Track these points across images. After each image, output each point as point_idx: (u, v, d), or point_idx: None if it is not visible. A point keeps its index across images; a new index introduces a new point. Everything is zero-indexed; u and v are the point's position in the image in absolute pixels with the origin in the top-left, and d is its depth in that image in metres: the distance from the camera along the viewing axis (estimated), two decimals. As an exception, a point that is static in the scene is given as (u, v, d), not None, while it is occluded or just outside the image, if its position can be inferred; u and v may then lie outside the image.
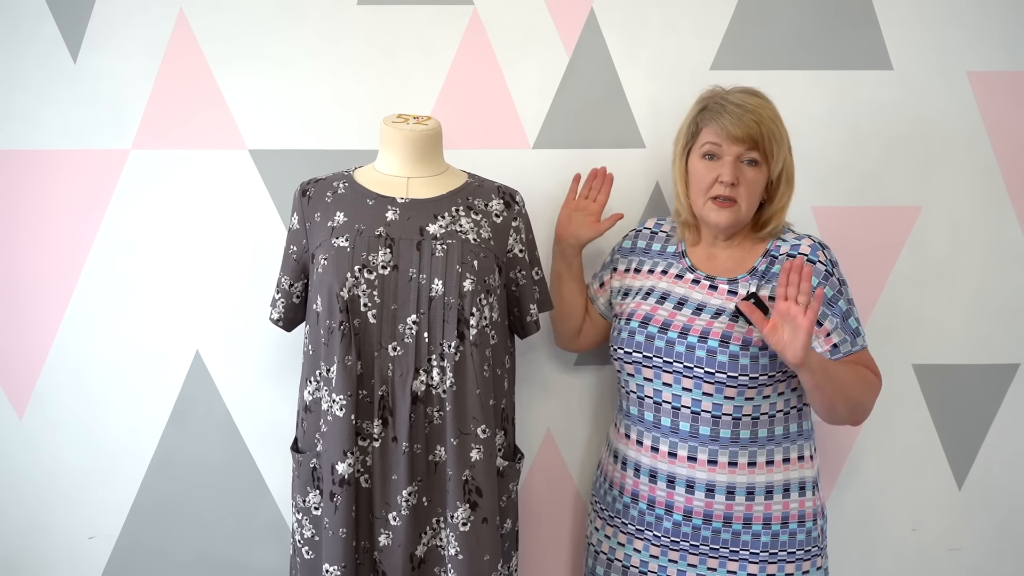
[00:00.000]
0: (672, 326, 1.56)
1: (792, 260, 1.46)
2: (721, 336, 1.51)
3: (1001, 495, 2.01)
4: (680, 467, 1.56)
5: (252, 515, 1.95)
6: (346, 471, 1.46)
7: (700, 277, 1.60)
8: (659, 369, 1.56)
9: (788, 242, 1.59)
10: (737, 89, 1.59)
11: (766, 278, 1.56)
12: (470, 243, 1.50)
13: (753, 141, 1.52)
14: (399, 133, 1.53)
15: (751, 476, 1.54)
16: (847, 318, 1.54)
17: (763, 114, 1.53)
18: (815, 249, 1.56)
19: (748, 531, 1.55)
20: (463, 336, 1.47)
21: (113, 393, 1.92)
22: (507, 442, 1.61)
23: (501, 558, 1.55)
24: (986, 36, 1.90)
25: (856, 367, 1.55)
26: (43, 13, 1.83)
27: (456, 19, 1.86)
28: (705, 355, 1.52)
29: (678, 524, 1.58)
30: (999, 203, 1.93)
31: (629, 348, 1.59)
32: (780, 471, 1.56)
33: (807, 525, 1.58)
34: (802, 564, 1.57)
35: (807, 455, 1.60)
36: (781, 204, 1.59)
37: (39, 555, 1.96)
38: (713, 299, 1.57)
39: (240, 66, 1.86)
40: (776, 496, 1.56)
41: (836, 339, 1.54)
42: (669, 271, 1.64)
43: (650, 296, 1.62)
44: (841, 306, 1.54)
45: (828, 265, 1.55)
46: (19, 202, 1.87)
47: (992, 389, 1.98)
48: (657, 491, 1.59)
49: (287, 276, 1.60)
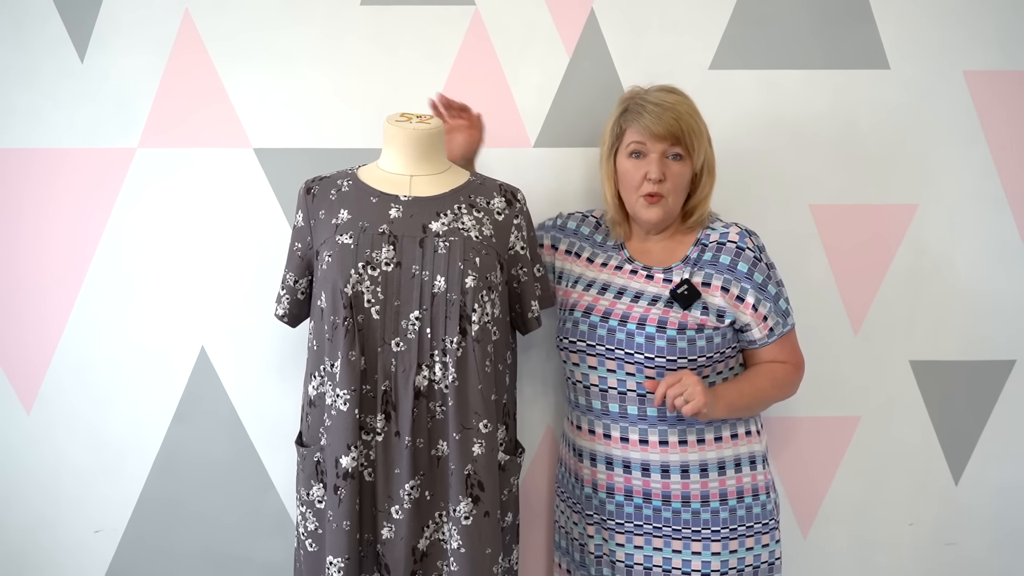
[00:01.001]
0: (612, 315, 1.61)
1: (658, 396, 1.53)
2: (658, 322, 1.57)
3: (997, 490, 2.03)
4: (634, 451, 1.61)
5: (256, 510, 1.97)
6: (350, 465, 1.48)
7: (638, 267, 1.66)
8: (602, 357, 1.61)
9: (717, 230, 1.65)
10: (655, 88, 1.64)
11: (698, 265, 1.62)
12: (472, 240, 1.52)
13: (675, 137, 1.58)
14: (402, 132, 1.56)
15: (702, 453, 1.60)
16: (778, 300, 1.62)
17: (681, 110, 1.58)
18: (743, 236, 1.63)
19: (707, 509, 1.60)
20: (465, 332, 1.49)
21: (119, 389, 1.94)
22: (508, 437, 1.64)
23: (502, 551, 1.57)
24: (982, 36, 1.92)
25: (769, 372, 1.64)
26: (50, 13, 1.85)
27: (458, 19, 1.88)
28: (644, 341, 1.57)
29: (639, 508, 1.62)
30: (995, 201, 1.95)
31: (573, 337, 1.65)
32: (729, 447, 1.62)
33: (761, 498, 1.64)
34: (761, 537, 1.63)
35: (754, 430, 1.66)
36: (704, 194, 1.65)
37: (45, 549, 1.98)
38: (650, 287, 1.63)
39: (245, 65, 1.88)
40: (728, 471, 1.62)
41: (772, 323, 1.62)
42: (609, 263, 1.69)
43: (592, 287, 1.67)
44: (771, 290, 1.61)
45: (756, 251, 1.62)
46: (26, 199, 1.89)
47: (988, 385, 2.00)
48: (615, 477, 1.64)
49: (292, 273, 1.62)
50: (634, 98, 1.63)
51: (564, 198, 1.87)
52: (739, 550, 1.61)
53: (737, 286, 1.60)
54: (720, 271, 1.60)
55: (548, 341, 1.95)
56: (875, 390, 1.99)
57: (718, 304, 1.59)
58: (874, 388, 1.99)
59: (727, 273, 1.60)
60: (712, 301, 1.59)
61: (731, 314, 1.60)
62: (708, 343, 1.58)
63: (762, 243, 1.65)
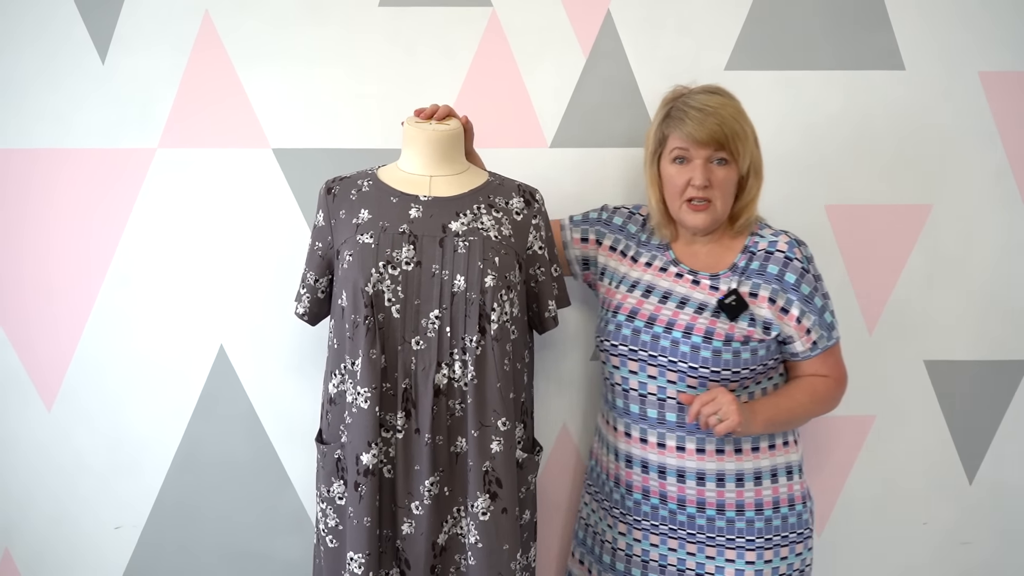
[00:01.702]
0: (658, 320, 1.60)
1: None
2: (705, 332, 1.55)
3: (1011, 490, 2.03)
4: (670, 457, 1.60)
5: (275, 507, 1.99)
6: (370, 462, 1.49)
7: (683, 271, 1.63)
8: (644, 363, 1.60)
9: (766, 238, 1.62)
10: (698, 89, 1.61)
11: (746, 274, 1.59)
12: (491, 240, 1.53)
13: (718, 143, 1.55)
14: (422, 133, 1.57)
15: (739, 463, 1.59)
16: (823, 313, 1.59)
17: (724, 114, 1.55)
18: (792, 246, 1.60)
19: (741, 518, 1.59)
20: (484, 331, 1.50)
21: (138, 387, 1.96)
22: (526, 435, 1.64)
23: (520, 548, 1.58)
24: (997, 37, 1.92)
25: (810, 386, 1.61)
26: (73, 16, 1.87)
27: (475, 20, 1.89)
28: (689, 350, 1.55)
29: (674, 513, 1.62)
30: (1010, 201, 1.96)
31: (615, 341, 1.63)
32: (767, 457, 1.60)
33: (796, 508, 1.62)
34: (795, 547, 1.62)
35: (791, 440, 1.65)
36: (751, 197, 1.62)
37: (67, 545, 1.99)
38: (696, 293, 1.60)
39: (264, 66, 1.89)
40: (765, 482, 1.60)
41: (815, 336, 1.59)
42: (654, 263, 1.67)
43: (635, 288, 1.65)
44: (817, 302, 1.58)
45: (804, 262, 1.59)
46: (48, 199, 1.91)
47: (1003, 385, 2.00)
48: (649, 481, 1.63)
49: (312, 271, 1.63)
50: (677, 101, 1.60)
51: (581, 198, 1.87)
52: (773, 559, 1.60)
53: (783, 297, 1.57)
54: (768, 281, 1.58)
55: (565, 340, 1.96)
56: (889, 390, 2.00)
57: (765, 316, 1.57)
58: (888, 388, 2.00)
59: (775, 283, 1.57)
60: (759, 313, 1.57)
61: (777, 326, 1.57)
62: (753, 355, 1.56)
63: (811, 253, 1.62)
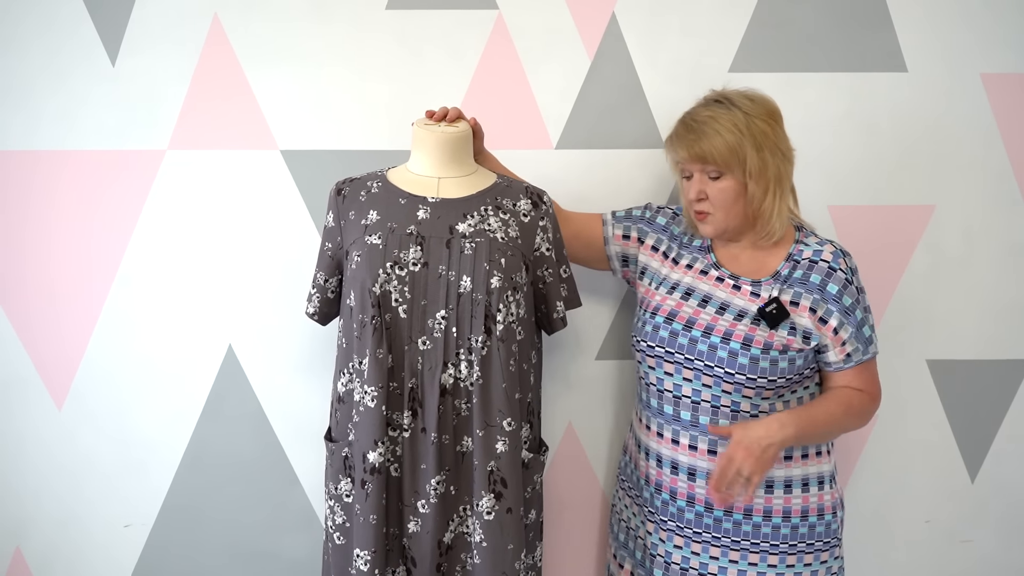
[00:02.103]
0: (696, 324, 1.58)
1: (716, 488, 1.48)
2: (743, 339, 1.54)
3: (1013, 488, 2.04)
4: (701, 460, 1.59)
5: (282, 505, 2.00)
6: (377, 460, 1.50)
7: (724, 275, 1.62)
8: (680, 365, 1.59)
9: (810, 247, 1.60)
10: (703, 100, 1.60)
11: (788, 282, 1.58)
12: (498, 241, 1.54)
13: (701, 159, 1.54)
14: (431, 135, 1.58)
15: (770, 471, 1.57)
16: (862, 327, 1.56)
17: (708, 129, 1.53)
18: (836, 256, 1.58)
19: (768, 524, 1.58)
20: (490, 331, 1.51)
21: (148, 386, 1.97)
22: (532, 435, 1.65)
23: (525, 547, 1.59)
24: (999, 38, 1.92)
25: (845, 398, 1.57)
26: (83, 18, 1.88)
27: (481, 23, 1.90)
28: (727, 356, 1.54)
29: (700, 515, 1.61)
30: (1012, 202, 1.96)
31: (652, 342, 1.62)
32: (798, 466, 1.59)
33: (826, 518, 1.61)
34: (820, 555, 1.61)
35: (824, 450, 1.63)
36: (754, 207, 1.57)
37: (76, 542, 2.01)
38: (736, 299, 1.59)
39: (272, 69, 1.90)
40: (795, 490, 1.59)
41: (850, 349, 1.56)
42: (695, 265, 1.66)
43: (675, 291, 1.64)
44: (857, 315, 1.56)
45: (848, 273, 1.56)
46: (59, 200, 1.93)
47: (1004, 384, 2.01)
48: (678, 482, 1.62)
49: (322, 272, 1.64)
50: (682, 115, 1.61)
51: (586, 199, 1.88)
52: (796, 565, 1.59)
53: (823, 307, 1.55)
54: (810, 291, 1.55)
55: (573, 342, 1.97)
56: (892, 389, 1.97)
57: (805, 325, 1.55)
58: (892, 387, 1.96)
59: (816, 293, 1.55)
60: (800, 322, 1.55)
61: (816, 336, 1.55)
62: (790, 364, 1.55)
63: (855, 265, 1.60)
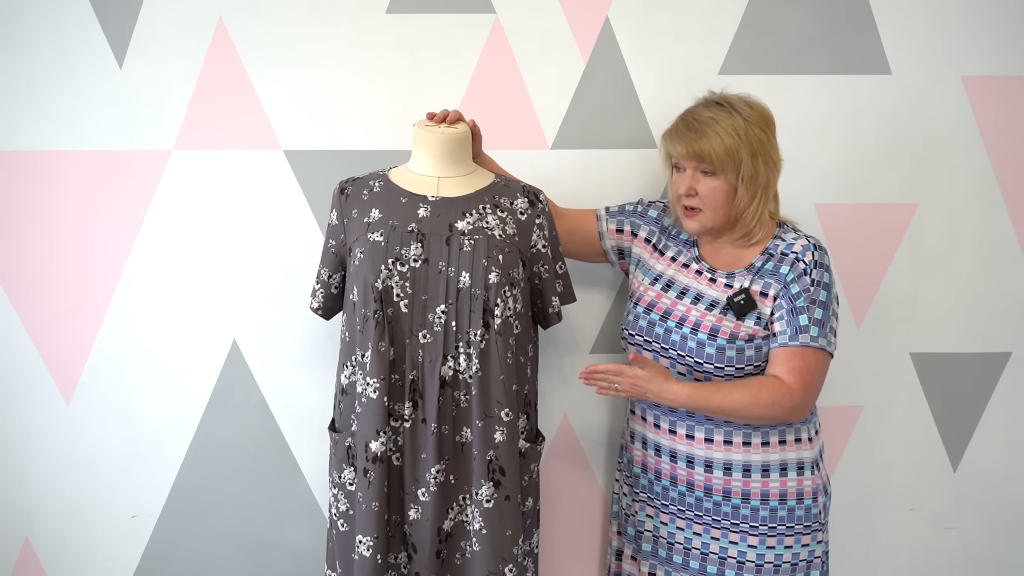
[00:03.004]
0: (671, 315, 1.65)
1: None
2: (710, 330, 1.60)
3: (994, 477, 2.08)
4: (680, 444, 1.66)
5: (286, 496, 2.04)
6: (379, 449, 1.55)
7: (703, 268, 1.68)
8: (657, 354, 1.66)
9: (785, 240, 1.64)
10: (702, 100, 1.65)
11: (759, 273, 1.62)
12: (496, 239, 1.59)
13: (698, 157, 1.58)
14: (431, 136, 1.63)
15: (746, 455, 1.63)
16: (799, 314, 1.57)
17: (709, 130, 1.57)
18: (806, 249, 1.61)
19: (747, 505, 1.64)
20: (488, 325, 1.55)
21: (155, 380, 2.01)
22: (530, 426, 1.70)
23: (523, 534, 1.63)
24: (980, 42, 1.96)
25: (755, 387, 1.56)
26: (92, 23, 1.91)
27: (479, 27, 1.93)
28: (695, 346, 1.61)
29: (683, 495, 1.68)
30: (992, 201, 2.00)
31: (633, 331, 1.70)
32: (776, 452, 1.64)
33: (806, 503, 1.65)
34: (801, 538, 1.65)
35: (805, 437, 1.66)
36: (742, 207, 1.61)
37: (85, 532, 2.05)
38: (710, 290, 1.65)
39: (275, 71, 1.93)
40: (773, 475, 1.63)
41: (777, 328, 1.58)
42: (678, 258, 1.72)
43: (657, 282, 1.71)
44: (800, 303, 1.57)
45: (809, 265, 1.59)
46: (67, 199, 1.96)
47: (986, 376, 2.05)
48: (662, 464, 1.69)
49: (326, 268, 1.69)
50: (682, 112, 1.65)
51: (580, 198, 1.91)
52: (776, 547, 1.64)
53: (776, 289, 1.60)
54: (778, 281, 1.60)
55: (568, 337, 2.01)
56: (877, 381, 2.05)
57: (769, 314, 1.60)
58: (876, 379, 2.05)
59: (781, 283, 1.60)
60: (766, 312, 1.60)
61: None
62: (757, 352, 1.60)
63: (824, 261, 1.61)
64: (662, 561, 1.72)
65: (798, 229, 1.68)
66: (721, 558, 1.66)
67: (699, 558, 1.68)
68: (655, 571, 1.73)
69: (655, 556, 1.73)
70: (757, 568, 1.64)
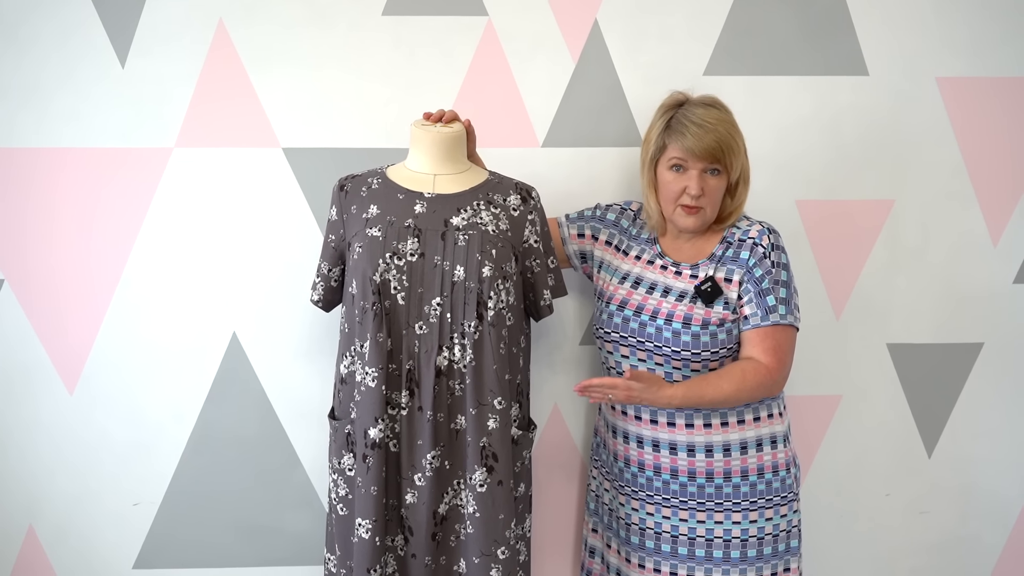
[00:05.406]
0: (644, 310, 1.71)
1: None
2: (683, 319, 1.67)
3: (967, 462, 2.14)
4: (662, 432, 1.72)
5: (285, 484, 2.07)
6: (377, 436, 1.60)
7: (668, 263, 1.74)
8: (634, 348, 1.72)
9: (741, 228, 1.72)
10: (697, 101, 1.69)
11: (721, 261, 1.70)
12: (489, 234, 1.64)
13: (714, 157, 1.64)
14: (428, 134, 1.67)
15: (725, 435, 1.70)
16: (766, 295, 1.65)
17: (722, 131, 1.64)
18: (762, 234, 1.69)
19: (728, 484, 1.70)
20: (482, 317, 1.61)
21: (157, 371, 2.03)
22: (522, 414, 1.75)
23: (515, 518, 1.69)
24: (953, 45, 2.01)
25: (739, 374, 1.63)
26: (94, 23, 1.94)
27: (472, 28, 1.97)
28: (671, 336, 1.67)
29: (667, 483, 1.73)
30: (965, 197, 2.06)
31: (608, 328, 1.75)
32: (752, 428, 1.71)
33: (780, 474, 1.73)
34: (780, 509, 1.73)
35: (775, 412, 1.74)
36: (740, 201, 1.72)
37: (88, 520, 2.07)
38: (677, 283, 1.72)
39: (274, 71, 1.96)
40: (750, 451, 1.71)
41: (748, 311, 1.66)
42: (642, 256, 1.78)
43: (626, 280, 1.77)
44: (765, 284, 1.65)
45: (768, 248, 1.67)
46: (71, 196, 1.99)
47: (959, 365, 2.11)
48: (645, 455, 1.74)
49: (326, 262, 1.73)
50: (677, 112, 1.68)
51: (570, 194, 1.96)
52: (758, 520, 1.71)
53: (739, 274, 1.67)
54: (740, 266, 1.67)
55: (559, 330, 2.05)
56: (855, 371, 2.10)
57: (735, 298, 1.67)
58: (854, 369, 2.10)
59: (744, 268, 1.67)
60: (732, 297, 1.67)
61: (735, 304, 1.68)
62: (728, 335, 1.67)
63: (780, 243, 1.70)
64: (650, 552, 1.77)
65: (748, 216, 1.76)
66: (708, 540, 1.72)
67: (686, 543, 1.73)
68: (644, 562, 1.78)
69: (643, 548, 1.78)
70: (742, 543, 1.71)
